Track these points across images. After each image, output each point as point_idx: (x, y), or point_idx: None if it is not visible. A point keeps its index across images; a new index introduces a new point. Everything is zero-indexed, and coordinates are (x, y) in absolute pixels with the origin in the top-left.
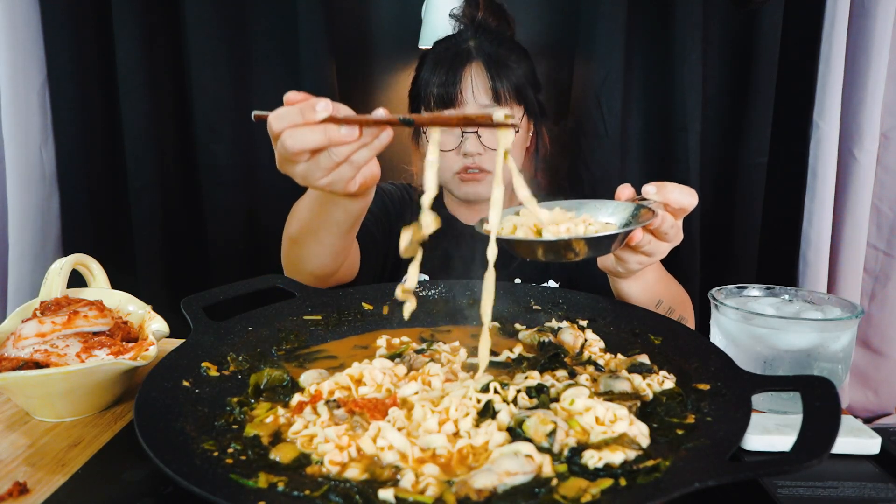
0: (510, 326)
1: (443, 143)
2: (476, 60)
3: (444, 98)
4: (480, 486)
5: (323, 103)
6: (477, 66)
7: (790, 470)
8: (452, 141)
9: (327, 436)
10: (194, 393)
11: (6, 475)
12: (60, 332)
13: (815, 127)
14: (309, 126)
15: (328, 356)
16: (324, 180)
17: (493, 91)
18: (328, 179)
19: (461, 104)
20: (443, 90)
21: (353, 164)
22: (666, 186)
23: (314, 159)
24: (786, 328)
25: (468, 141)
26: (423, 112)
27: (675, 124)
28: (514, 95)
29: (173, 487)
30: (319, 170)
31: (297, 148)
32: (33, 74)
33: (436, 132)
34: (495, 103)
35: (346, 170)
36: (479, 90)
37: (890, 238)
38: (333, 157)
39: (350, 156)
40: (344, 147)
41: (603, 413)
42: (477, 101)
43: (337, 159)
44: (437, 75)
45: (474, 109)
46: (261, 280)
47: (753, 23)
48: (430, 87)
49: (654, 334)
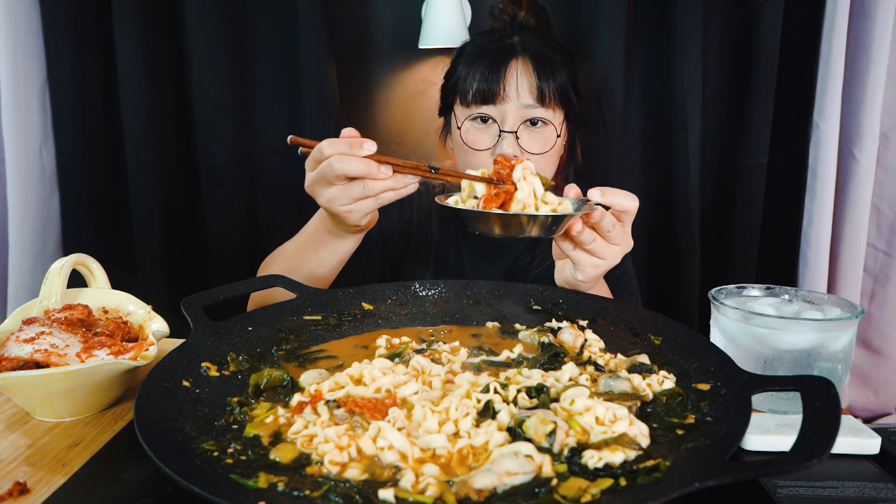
0: (510, 326)
1: (477, 142)
2: (522, 56)
3: (485, 93)
4: (480, 486)
5: (370, 143)
6: (523, 63)
7: (790, 470)
8: (488, 140)
9: (327, 436)
10: (194, 393)
11: (6, 475)
12: None
13: (814, 127)
14: (356, 157)
15: (328, 356)
16: (347, 206)
17: (538, 90)
18: (351, 207)
19: (503, 100)
20: (484, 85)
21: (378, 201)
22: (609, 190)
23: (348, 187)
24: (786, 328)
25: (505, 141)
26: (458, 107)
27: (675, 124)
28: (558, 97)
29: (173, 487)
30: (349, 197)
31: (342, 171)
32: (33, 74)
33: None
34: (539, 104)
35: (369, 203)
36: (523, 88)
37: (890, 238)
38: (367, 189)
39: (380, 193)
40: (378, 183)
41: (603, 413)
42: (520, 100)
43: (368, 193)
44: (479, 69)
45: (516, 107)
46: (261, 280)
47: (753, 23)
48: (470, 82)
49: (654, 334)
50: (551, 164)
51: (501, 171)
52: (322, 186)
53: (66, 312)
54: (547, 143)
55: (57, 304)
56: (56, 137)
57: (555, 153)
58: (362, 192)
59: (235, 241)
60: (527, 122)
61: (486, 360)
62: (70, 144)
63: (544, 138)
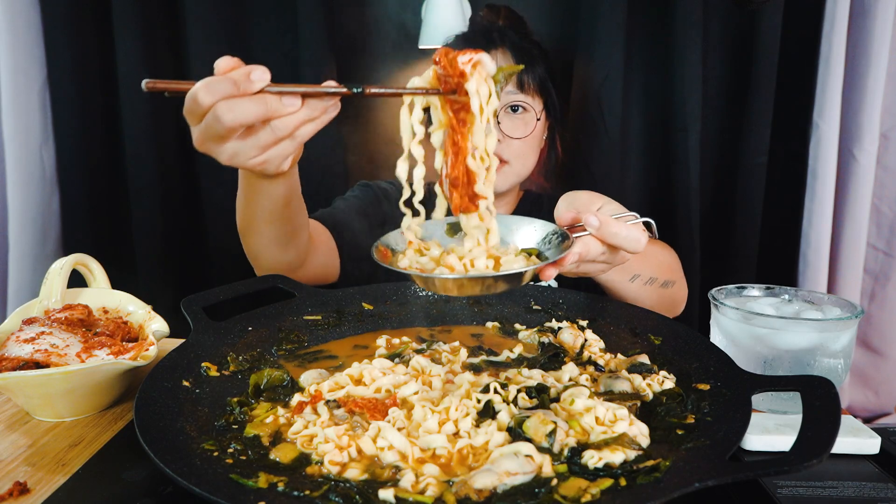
0: (510, 326)
1: None
2: (501, 47)
3: None
4: (480, 487)
5: (259, 71)
6: (503, 53)
7: (790, 470)
8: None
9: (327, 436)
10: (194, 393)
11: (6, 475)
12: None
13: (814, 127)
14: (247, 97)
15: (328, 356)
16: (258, 158)
17: (517, 78)
18: (263, 157)
19: None
20: None
21: (296, 140)
22: (609, 224)
23: (251, 135)
24: (786, 328)
25: None
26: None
27: (675, 124)
28: (537, 86)
29: (173, 487)
30: (255, 147)
31: (235, 122)
32: (33, 74)
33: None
34: (519, 90)
35: (286, 146)
36: None
37: (890, 238)
38: (276, 132)
39: (295, 130)
40: (288, 119)
41: (603, 413)
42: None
43: (280, 134)
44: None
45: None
46: (261, 280)
47: (753, 23)
48: None
49: (654, 334)
50: (532, 152)
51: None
52: (216, 143)
53: (66, 312)
54: (528, 128)
55: (57, 304)
56: (56, 137)
57: (535, 139)
58: (271, 136)
59: (235, 241)
60: (507, 108)
61: (486, 360)
62: (70, 144)
63: (525, 123)
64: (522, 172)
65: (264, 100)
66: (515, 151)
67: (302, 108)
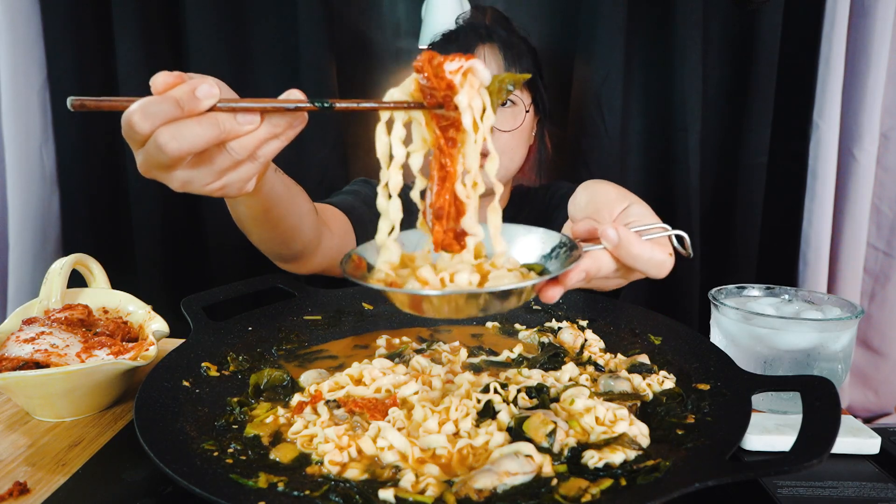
0: (510, 326)
1: None
2: (490, 42)
3: None
4: (480, 487)
5: (206, 85)
6: (490, 48)
7: (790, 470)
8: None
9: (327, 436)
10: (194, 393)
11: (6, 475)
12: None
13: (814, 127)
14: (193, 118)
15: (328, 356)
16: (215, 185)
17: (505, 71)
18: (221, 183)
19: None
20: None
21: (258, 161)
22: (632, 246)
23: (204, 160)
24: (786, 328)
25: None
26: None
27: (675, 124)
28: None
29: (173, 487)
30: (211, 173)
31: (181, 150)
32: (33, 74)
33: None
34: None
35: (247, 169)
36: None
37: (890, 238)
38: (234, 154)
39: (256, 150)
40: (246, 140)
41: (603, 413)
42: None
43: (238, 157)
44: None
45: None
46: (261, 280)
47: (753, 23)
48: None
49: (654, 334)
50: (521, 146)
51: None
52: (163, 171)
53: (66, 312)
54: (516, 121)
55: (57, 304)
56: (56, 137)
57: (524, 133)
58: (229, 159)
59: (235, 241)
60: None
61: (486, 360)
62: (70, 144)
63: (514, 116)
64: (511, 167)
65: (215, 119)
66: (504, 145)
67: (262, 126)
